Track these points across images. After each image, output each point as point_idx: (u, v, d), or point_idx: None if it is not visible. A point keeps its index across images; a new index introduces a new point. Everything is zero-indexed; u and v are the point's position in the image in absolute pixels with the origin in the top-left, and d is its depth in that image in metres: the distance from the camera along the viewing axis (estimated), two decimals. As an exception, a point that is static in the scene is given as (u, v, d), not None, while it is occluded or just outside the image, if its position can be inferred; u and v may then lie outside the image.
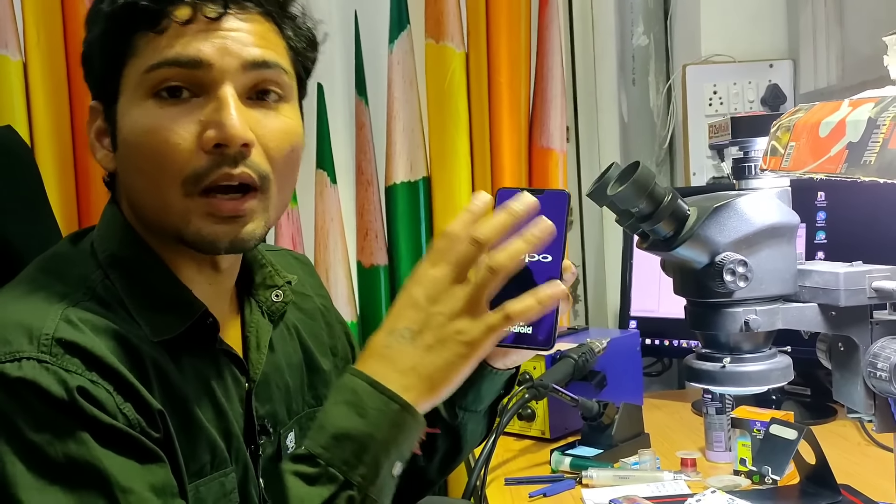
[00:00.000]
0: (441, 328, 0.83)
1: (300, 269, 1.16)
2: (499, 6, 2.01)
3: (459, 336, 0.83)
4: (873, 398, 0.95)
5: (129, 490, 0.78)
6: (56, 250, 0.95)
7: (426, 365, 0.83)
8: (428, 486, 1.20)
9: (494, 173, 2.04)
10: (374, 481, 0.83)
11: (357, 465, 0.82)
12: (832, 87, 1.88)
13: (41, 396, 0.78)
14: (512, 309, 0.83)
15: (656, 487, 1.30)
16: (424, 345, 0.83)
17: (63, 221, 1.76)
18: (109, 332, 0.84)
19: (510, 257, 0.83)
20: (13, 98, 1.87)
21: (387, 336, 0.85)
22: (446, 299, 0.83)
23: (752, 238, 0.94)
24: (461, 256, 0.84)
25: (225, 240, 0.89)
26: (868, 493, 1.19)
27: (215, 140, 0.85)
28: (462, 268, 0.84)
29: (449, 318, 0.83)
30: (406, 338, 0.84)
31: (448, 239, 0.85)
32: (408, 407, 0.83)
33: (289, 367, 1.06)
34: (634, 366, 1.76)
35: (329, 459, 0.82)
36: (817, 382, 1.69)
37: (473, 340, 0.83)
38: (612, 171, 0.94)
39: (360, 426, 0.83)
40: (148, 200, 0.89)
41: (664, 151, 2.26)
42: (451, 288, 0.84)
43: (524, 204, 0.85)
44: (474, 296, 0.83)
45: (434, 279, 0.84)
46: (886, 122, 0.78)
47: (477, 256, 0.83)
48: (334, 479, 0.82)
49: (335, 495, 0.82)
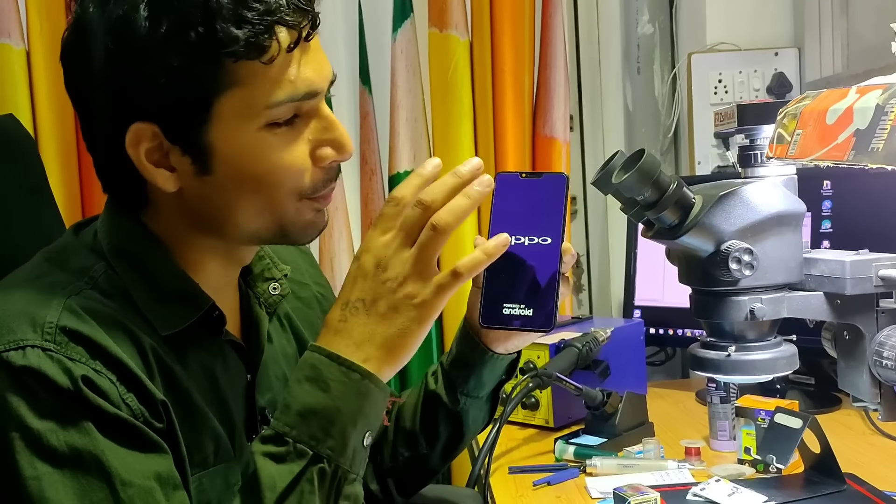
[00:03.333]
0: (392, 294, 0.84)
1: (300, 259, 1.17)
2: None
3: (411, 300, 0.83)
4: (879, 387, 0.95)
5: (130, 481, 0.79)
6: (60, 241, 0.95)
7: (382, 333, 0.84)
8: (431, 474, 1.21)
9: (498, 162, 2.03)
10: (344, 451, 0.83)
11: (325, 439, 0.82)
12: (838, 76, 1.87)
13: (45, 385, 0.78)
14: (460, 264, 0.83)
15: (660, 476, 1.30)
16: (378, 314, 0.84)
17: (65, 210, 1.75)
18: (113, 322, 0.84)
19: (453, 214, 0.83)
20: (16, 87, 1.86)
21: (342, 310, 0.86)
22: (394, 264, 0.84)
23: (758, 226, 0.94)
24: (407, 220, 0.84)
25: (321, 226, 0.94)
26: (873, 482, 1.19)
27: (334, 158, 0.90)
28: (409, 232, 0.84)
29: (399, 283, 0.83)
30: (360, 309, 0.85)
31: (395, 203, 0.85)
32: (369, 375, 0.83)
33: (284, 358, 1.06)
34: (638, 355, 1.76)
35: (296, 437, 0.83)
36: (822, 371, 1.69)
37: (424, 302, 0.83)
38: (617, 159, 0.94)
39: (324, 400, 0.83)
40: (251, 214, 0.90)
41: (669, 140, 2.26)
42: (398, 252, 0.84)
43: (470, 165, 0.85)
44: (421, 257, 0.83)
45: (382, 245, 0.85)
46: (894, 109, 0.77)
47: (424, 219, 0.83)
48: (303, 455, 0.82)
49: (305, 469, 0.82)
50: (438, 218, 0.83)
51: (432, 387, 1.15)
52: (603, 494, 1.25)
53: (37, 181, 1.32)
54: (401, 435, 1.18)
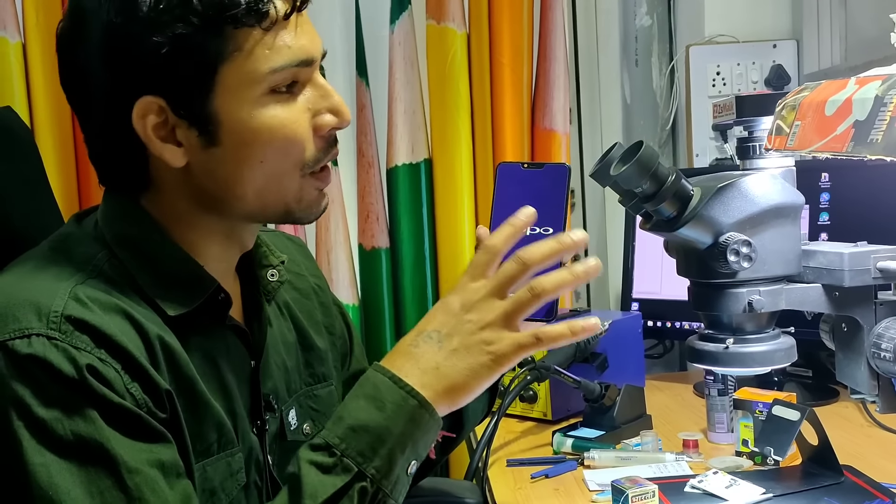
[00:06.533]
0: (470, 335, 0.86)
1: (295, 251, 1.17)
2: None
3: (487, 346, 0.85)
4: (877, 379, 0.95)
5: (135, 470, 0.79)
6: (63, 230, 0.95)
7: (449, 367, 0.86)
8: (429, 466, 1.21)
9: (496, 155, 2.03)
10: (388, 475, 0.84)
11: (372, 458, 0.84)
12: (836, 68, 1.87)
13: (50, 373, 0.79)
14: (544, 334, 0.85)
15: (658, 468, 1.30)
16: (450, 348, 0.86)
17: (63, 202, 1.75)
18: (117, 310, 0.84)
19: (554, 285, 0.85)
20: (12, 80, 1.85)
21: (415, 336, 0.88)
22: (481, 309, 0.86)
23: (757, 218, 0.94)
24: (504, 273, 0.86)
25: (323, 206, 0.95)
26: (871, 474, 1.19)
27: (334, 125, 0.91)
28: (502, 283, 0.86)
29: (480, 326, 0.86)
30: (433, 339, 0.87)
31: (488, 253, 0.87)
32: (426, 404, 0.85)
33: (284, 346, 1.06)
34: (636, 347, 1.76)
35: (345, 450, 0.84)
36: (820, 364, 1.69)
37: (500, 352, 0.85)
38: (616, 151, 0.94)
39: (378, 419, 0.84)
40: (257, 187, 0.90)
41: (667, 133, 2.25)
42: (488, 300, 0.86)
43: (577, 237, 0.87)
44: (511, 311, 0.86)
45: (472, 290, 0.87)
46: (894, 100, 0.77)
47: (519, 276, 0.86)
48: (349, 470, 0.83)
49: (348, 485, 0.83)
50: (542, 286, 0.85)
51: None
52: (601, 487, 1.25)
53: (34, 173, 1.32)
54: None
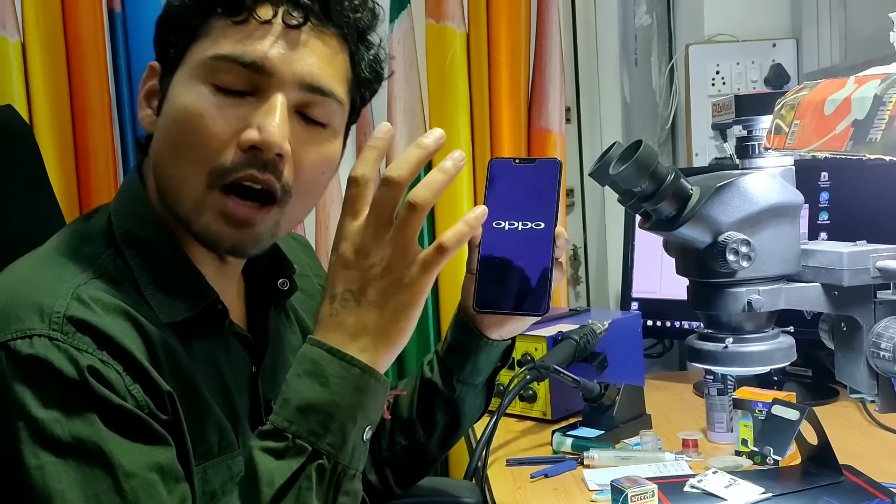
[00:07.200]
0: (379, 280, 0.81)
1: (300, 251, 1.17)
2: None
3: (399, 283, 0.81)
4: (876, 378, 0.95)
5: (132, 474, 0.78)
6: (70, 227, 0.95)
7: (375, 321, 0.82)
8: (429, 463, 1.21)
9: (494, 153, 2.03)
10: (343, 448, 0.82)
11: (324, 434, 0.81)
12: (836, 67, 1.87)
13: (51, 374, 0.78)
14: (444, 238, 0.80)
15: (658, 468, 1.30)
16: (368, 302, 0.81)
17: (63, 200, 1.75)
18: (120, 311, 0.84)
19: (430, 190, 0.80)
20: (12, 79, 1.85)
21: (331, 303, 0.83)
22: (375, 249, 0.81)
23: (756, 217, 0.94)
24: (377, 200, 0.81)
25: (229, 242, 0.90)
26: (870, 473, 1.19)
27: (253, 142, 0.86)
28: (381, 212, 0.81)
29: (383, 268, 0.81)
30: (349, 300, 0.82)
31: (356, 184, 0.82)
32: (368, 369, 0.82)
33: (291, 351, 1.06)
34: (636, 347, 1.76)
35: (295, 432, 0.81)
36: (819, 363, 1.69)
37: (413, 282, 0.81)
38: (615, 150, 0.94)
39: (323, 395, 0.81)
40: (172, 173, 0.90)
41: (666, 132, 2.25)
42: (376, 236, 0.81)
43: (433, 136, 0.83)
44: (402, 238, 0.80)
45: (357, 230, 0.82)
46: (893, 99, 0.77)
47: (394, 197, 0.81)
48: (302, 451, 0.81)
49: (304, 466, 0.80)
50: (416, 195, 0.80)
51: (428, 375, 1.15)
52: (600, 486, 1.25)
53: (34, 171, 1.32)
54: (398, 424, 1.18)
